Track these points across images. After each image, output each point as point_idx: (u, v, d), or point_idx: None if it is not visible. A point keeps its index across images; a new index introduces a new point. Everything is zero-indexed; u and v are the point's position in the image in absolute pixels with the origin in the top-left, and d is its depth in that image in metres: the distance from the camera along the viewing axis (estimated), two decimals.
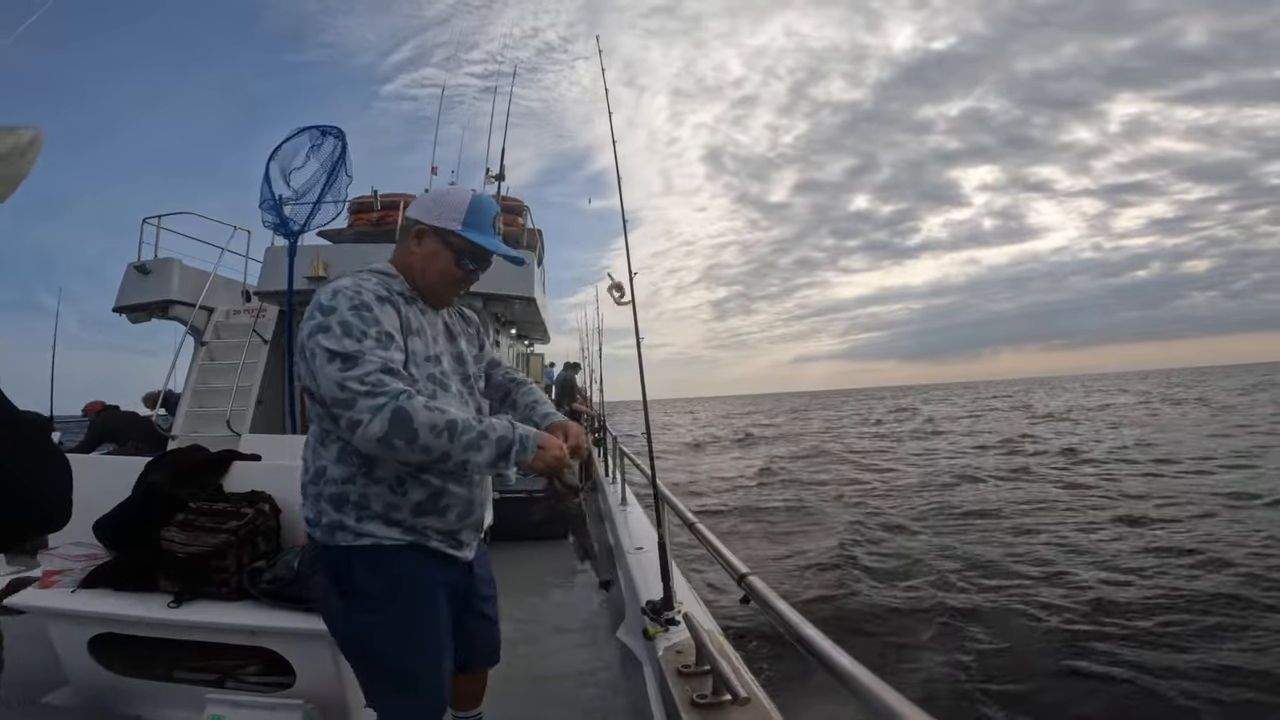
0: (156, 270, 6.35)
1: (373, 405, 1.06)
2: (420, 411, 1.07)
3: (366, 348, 1.10)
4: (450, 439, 1.07)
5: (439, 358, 1.28)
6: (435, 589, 1.27)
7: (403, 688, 1.23)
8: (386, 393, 1.07)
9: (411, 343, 1.22)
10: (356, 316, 1.13)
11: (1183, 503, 8.84)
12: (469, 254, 1.30)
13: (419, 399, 1.09)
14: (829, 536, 7.97)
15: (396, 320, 1.20)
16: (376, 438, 1.06)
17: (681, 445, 23.34)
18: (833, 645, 0.98)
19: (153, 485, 2.16)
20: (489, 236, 1.31)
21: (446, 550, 1.28)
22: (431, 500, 1.23)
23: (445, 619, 1.30)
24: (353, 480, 1.20)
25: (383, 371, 1.09)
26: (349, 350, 1.09)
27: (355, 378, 1.08)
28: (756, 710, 1.59)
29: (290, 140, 4.96)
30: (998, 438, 19.26)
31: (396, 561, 1.21)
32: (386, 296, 1.20)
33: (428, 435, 1.06)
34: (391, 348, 1.15)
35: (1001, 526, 8.17)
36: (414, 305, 1.29)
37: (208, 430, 5.45)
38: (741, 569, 1.46)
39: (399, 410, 1.06)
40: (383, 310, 1.17)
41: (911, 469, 13.89)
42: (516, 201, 9.76)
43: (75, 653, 1.97)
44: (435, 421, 1.07)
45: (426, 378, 1.22)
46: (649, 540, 3.31)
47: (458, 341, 1.40)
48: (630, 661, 2.40)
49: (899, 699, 0.78)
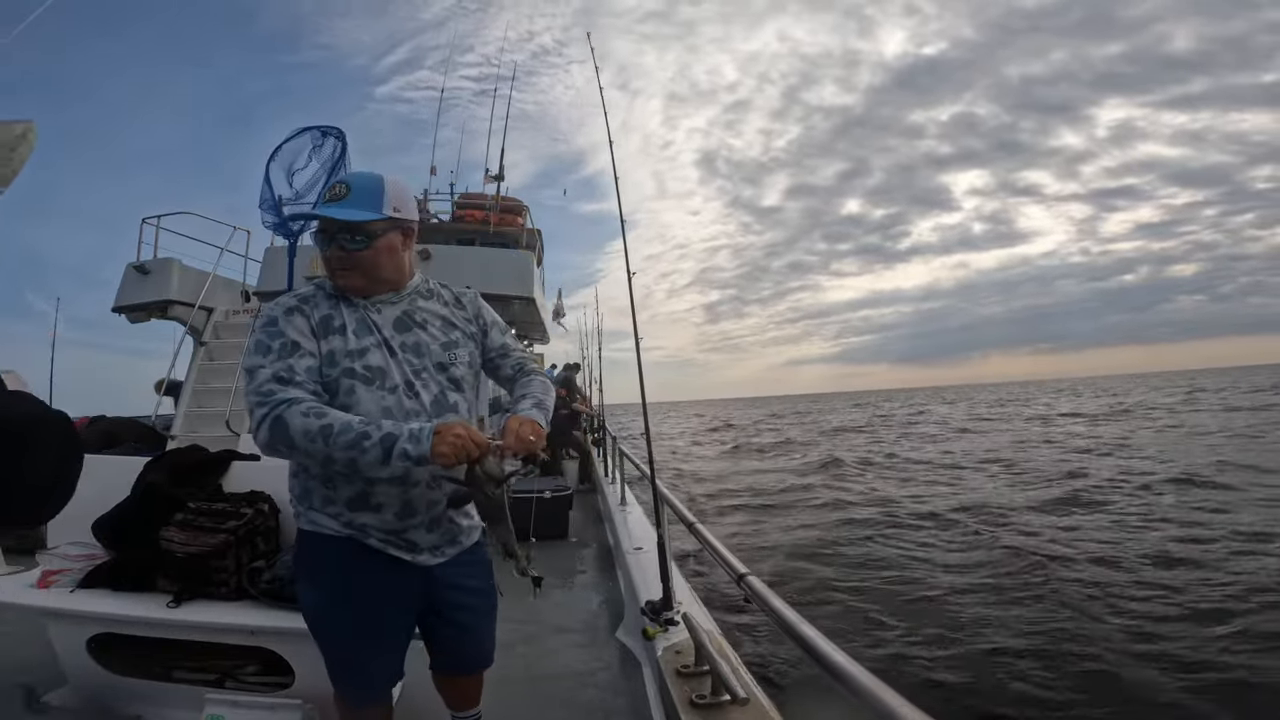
0: (156, 270, 6.34)
1: (260, 415, 1.16)
2: (295, 419, 1.14)
3: (268, 360, 1.20)
4: (325, 443, 1.12)
5: (364, 351, 1.28)
6: (371, 587, 1.29)
7: (331, 669, 1.36)
8: (270, 402, 1.16)
9: (330, 342, 1.27)
10: (264, 333, 1.24)
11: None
12: (317, 234, 1.33)
13: (299, 406, 1.15)
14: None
15: (306, 326, 1.27)
16: (264, 444, 1.17)
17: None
18: (832, 645, 0.98)
19: (152, 485, 2.16)
20: (319, 208, 1.35)
21: (391, 551, 1.29)
22: (361, 497, 1.27)
23: (380, 618, 1.32)
24: (297, 475, 1.33)
25: (274, 381, 1.18)
26: (251, 365, 1.21)
27: (252, 390, 1.19)
28: (756, 710, 1.59)
29: (291, 141, 4.96)
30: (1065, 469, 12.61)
31: (332, 550, 1.28)
32: (296, 306, 1.29)
33: (303, 440, 1.13)
34: (294, 355, 1.22)
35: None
36: (344, 303, 1.33)
37: (207, 430, 5.45)
38: (741, 569, 1.47)
39: (277, 419, 1.14)
40: (288, 321, 1.26)
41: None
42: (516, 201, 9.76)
43: (74, 652, 1.97)
44: (309, 428, 1.13)
45: (343, 373, 1.25)
46: (648, 541, 3.31)
47: (415, 331, 1.36)
48: (630, 662, 2.40)
49: (898, 699, 0.78)
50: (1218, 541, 6.85)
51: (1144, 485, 10.28)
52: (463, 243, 7.86)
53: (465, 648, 1.47)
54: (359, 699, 1.38)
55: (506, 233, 8.43)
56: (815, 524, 8.84)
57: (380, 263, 1.32)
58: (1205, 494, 9.44)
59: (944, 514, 9.00)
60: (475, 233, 8.24)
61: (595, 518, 5.48)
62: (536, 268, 7.48)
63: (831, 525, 8.71)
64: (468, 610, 1.43)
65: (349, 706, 1.40)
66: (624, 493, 4.80)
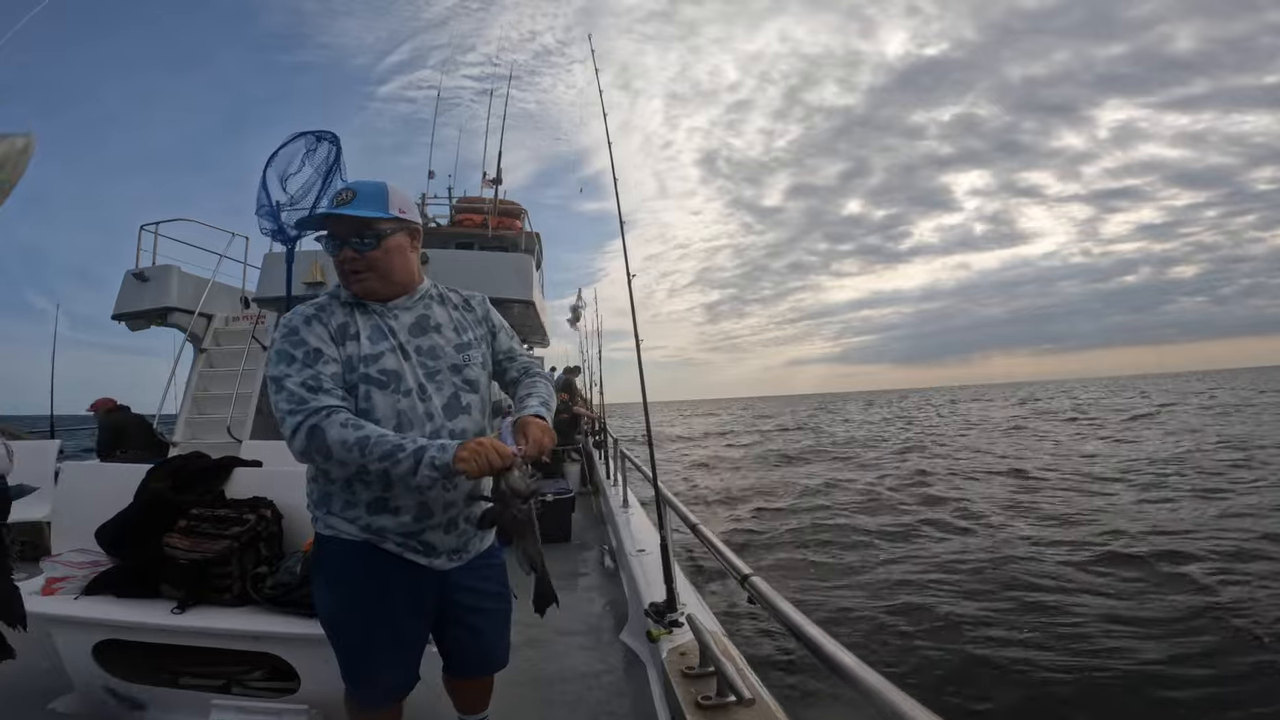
0: (155, 277, 6.34)
1: (293, 424, 1.18)
2: (334, 429, 1.16)
3: (294, 370, 1.22)
4: (362, 453, 1.15)
5: (378, 356, 1.29)
6: (386, 591, 1.30)
7: (346, 676, 1.37)
8: (304, 410, 1.18)
9: (348, 348, 1.29)
10: (287, 342, 1.26)
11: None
12: (325, 238, 1.35)
13: (337, 416, 1.18)
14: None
15: (326, 333, 1.28)
16: (300, 452, 1.20)
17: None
18: (837, 645, 0.98)
19: (155, 492, 2.16)
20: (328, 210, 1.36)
21: (407, 556, 1.30)
22: (379, 501, 1.29)
23: (396, 624, 1.33)
24: (316, 480, 1.34)
25: (304, 389, 1.20)
26: (278, 374, 1.22)
27: (282, 399, 1.20)
28: (762, 711, 1.59)
29: (285, 146, 4.96)
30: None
31: (349, 555, 1.29)
32: (314, 314, 1.30)
33: (341, 451, 1.16)
34: (319, 363, 1.24)
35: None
36: (358, 310, 1.34)
37: (208, 437, 5.45)
38: (745, 570, 1.47)
39: (314, 429, 1.17)
40: (309, 329, 1.27)
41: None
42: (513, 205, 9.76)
43: (80, 659, 1.97)
44: (346, 439, 1.16)
45: (361, 379, 1.27)
46: (651, 542, 3.31)
47: (430, 335, 1.38)
48: (634, 664, 2.40)
49: (905, 699, 0.78)
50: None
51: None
52: (461, 247, 7.86)
53: (478, 651, 1.48)
54: (372, 702, 1.39)
55: (505, 236, 8.43)
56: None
57: (392, 263, 1.34)
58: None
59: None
60: (473, 237, 8.25)
61: (597, 520, 5.48)
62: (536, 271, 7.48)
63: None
64: (482, 614, 1.44)
65: (360, 708, 1.40)
66: (626, 495, 4.80)
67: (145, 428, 5.62)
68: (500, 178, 8.85)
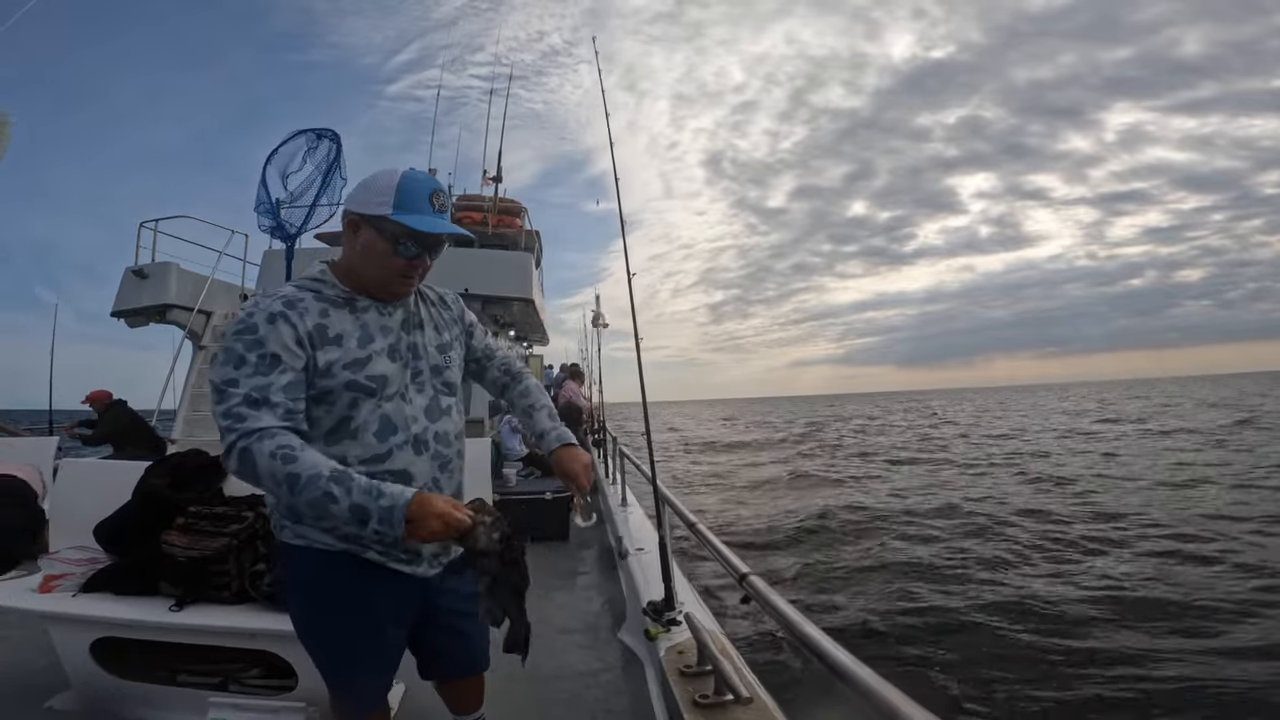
0: (154, 274, 6.34)
1: (227, 441, 1.06)
2: (262, 458, 1.03)
3: (242, 375, 1.08)
4: (291, 491, 1.03)
5: (368, 360, 1.20)
6: (370, 601, 1.24)
7: (330, 683, 1.32)
8: (238, 430, 1.05)
9: (327, 353, 1.16)
10: (239, 341, 1.10)
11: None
12: (406, 238, 1.20)
13: (269, 443, 1.04)
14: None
15: (292, 336, 1.13)
16: (233, 472, 1.08)
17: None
18: (835, 644, 0.98)
19: (153, 489, 2.16)
20: (427, 216, 1.21)
21: (391, 564, 1.24)
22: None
23: (381, 634, 1.28)
24: None
25: (245, 404, 1.06)
26: (221, 379, 1.09)
27: (220, 412, 1.07)
28: (759, 710, 1.59)
29: (286, 144, 4.96)
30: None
31: (329, 565, 1.21)
32: (281, 312, 1.13)
33: (269, 482, 1.05)
34: (275, 371, 1.10)
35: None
36: (346, 307, 1.22)
37: (207, 434, 5.45)
38: (743, 569, 1.47)
39: (245, 451, 1.04)
40: (271, 329, 1.11)
41: None
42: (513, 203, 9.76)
43: (77, 657, 1.97)
44: (275, 472, 1.03)
45: (346, 385, 1.17)
46: (650, 541, 3.32)
47: (414, 333, 1.31)
48: (632, 662, 2.40)
49: (902, 697, 0.78)
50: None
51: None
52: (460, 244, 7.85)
53: (460, 653, 1.44)
54: (358, 709, 1.35)
55: (505, 234, 8.43)
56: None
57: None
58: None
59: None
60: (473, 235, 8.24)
61: (596, 518, 5.47)
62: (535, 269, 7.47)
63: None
64: (463, 616, 1.38)
65: (347, 715, 1.37)
66: (625, 493, 4.80)
67: (143, 426, 5.63)
68: (500, 176, 8.85)
